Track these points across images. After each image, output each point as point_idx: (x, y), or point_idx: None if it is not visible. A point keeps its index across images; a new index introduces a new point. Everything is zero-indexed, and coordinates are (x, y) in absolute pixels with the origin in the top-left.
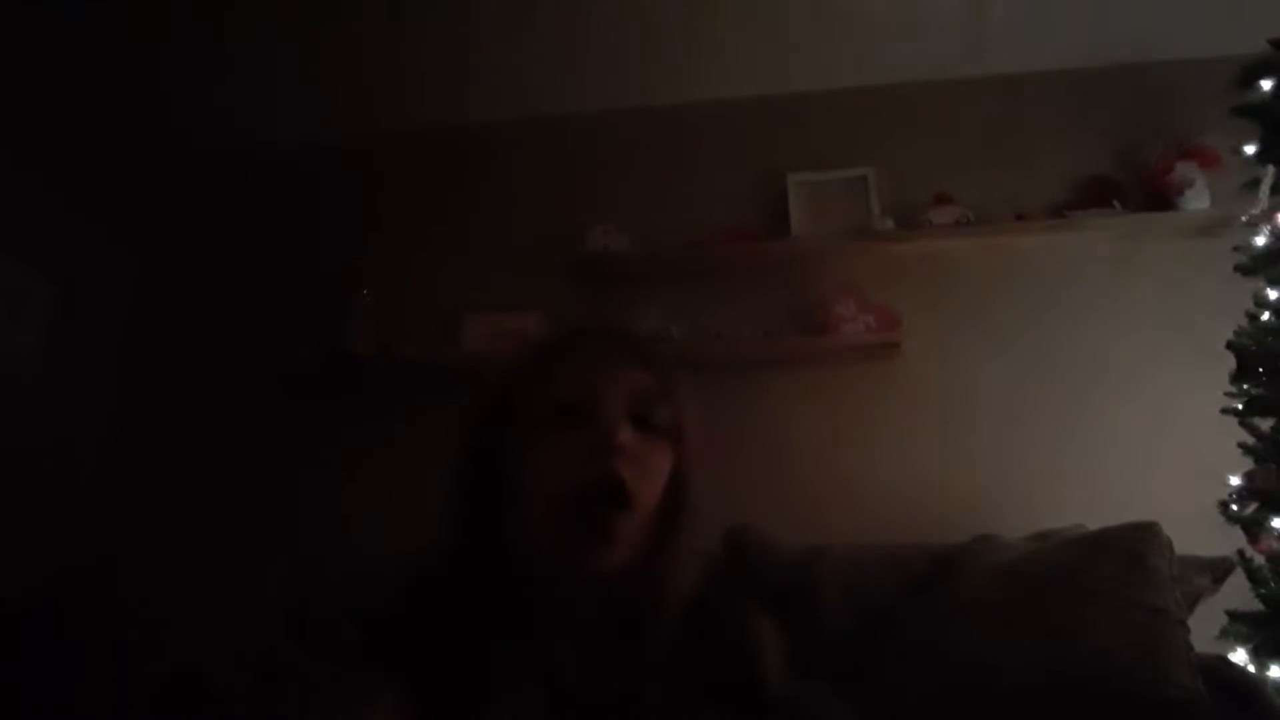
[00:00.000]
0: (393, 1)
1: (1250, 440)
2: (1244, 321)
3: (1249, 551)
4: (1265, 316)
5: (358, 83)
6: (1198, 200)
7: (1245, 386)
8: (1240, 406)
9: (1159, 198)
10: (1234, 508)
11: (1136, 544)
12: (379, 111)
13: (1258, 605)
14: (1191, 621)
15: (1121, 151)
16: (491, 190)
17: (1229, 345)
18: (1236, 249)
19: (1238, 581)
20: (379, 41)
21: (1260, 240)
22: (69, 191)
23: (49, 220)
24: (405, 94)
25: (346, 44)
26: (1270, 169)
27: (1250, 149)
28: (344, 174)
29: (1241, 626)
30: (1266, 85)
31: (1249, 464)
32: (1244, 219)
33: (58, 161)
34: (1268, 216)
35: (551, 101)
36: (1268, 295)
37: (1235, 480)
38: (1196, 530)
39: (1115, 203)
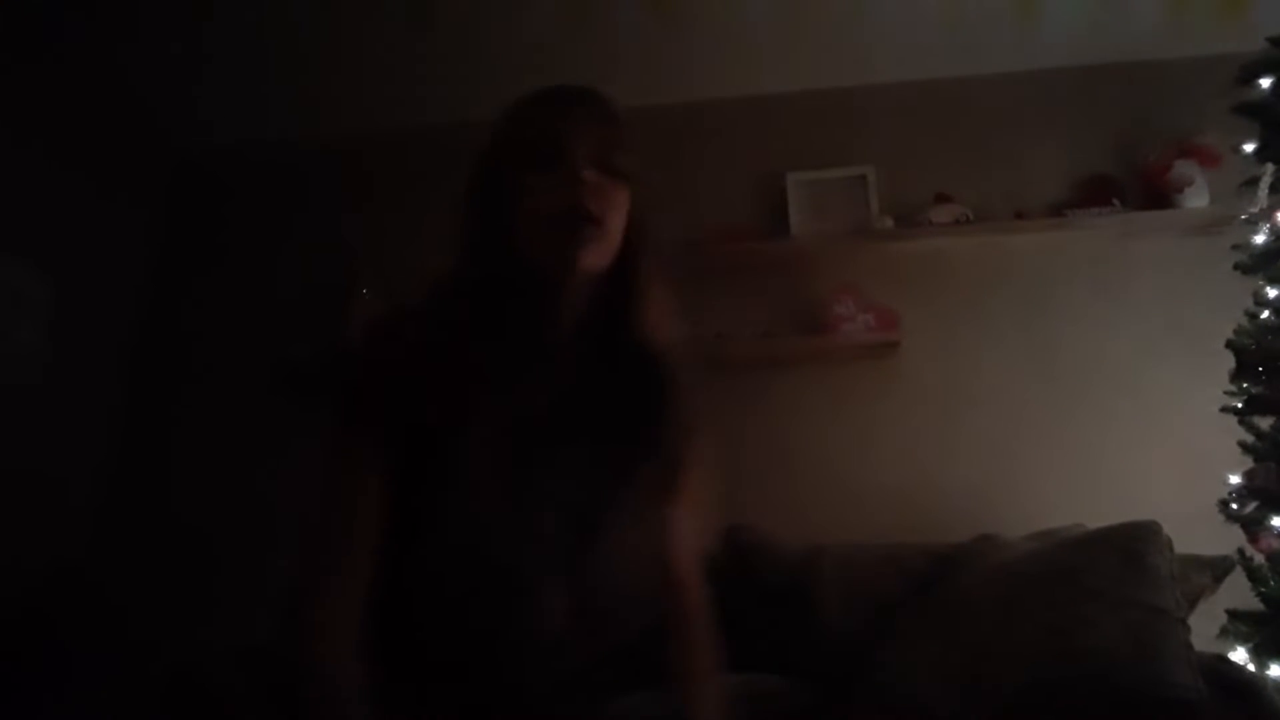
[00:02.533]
0: (394, 1)
1: (1250, 439)
2: (1243, 320)
3: (1249, 550)
4: (1265, 315)
5: (358, 82)
6: (1197, 198)
7: (1245, 385)
8: (1240, 405)
9: (1158, 196)
10: (1234, 506)
11: (1136, 543)
12: (379, 110)
13: (1258, 604)
14: (1192, 620)
15: (1121, 150)
16: None
17: (1228, 344)
18: (1236, 247)
19: (1238, 580)
20: (381, 40)
21: (1259, 238)
22: (69, 192)
23: (49, 220)
24: (405, 93)
25: (348, 43)
26: (1269, 167)
27: (1249, 147)
28: (344, 173)
29: (1242, 625)
30: (1265, 83)
31: (1249, 463)
32: (1243, 217)
33: (58, 161)
34: (1267, 214)
35: None
36: (1267, 293)
37: (1235, 479)
38: (1196, 529)
39: (1114, 201)
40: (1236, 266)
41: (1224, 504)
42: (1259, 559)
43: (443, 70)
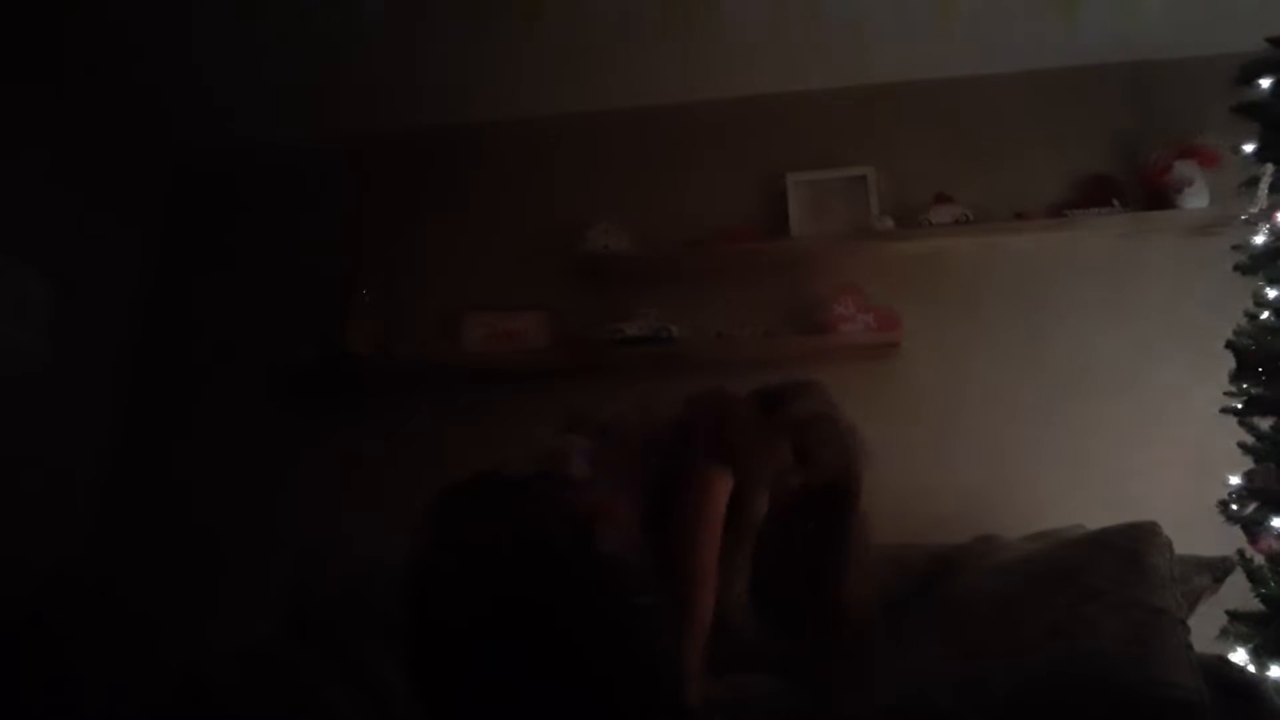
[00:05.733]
0: (393, 2)
1: (1250, 439)
2: (1243, 320)
3: (1249, 551)
4: (1264, 315)
5: (358, 83)
6: (1197, 199)
7: (1245, 386)
8: (1240, 406)
9: (1158, 196)
10: (1234, 507)
11: (1136, 543)
12: (379, 112)
13: (1258, 605)
14: (1192, 621)
15: (1121, 150)
16: (491, 190)
17: (1228, 344)
18: (1235, 248)
19: (1238, 581)
20: (380, 43)
21: (1259, 239)
22: (69, 193)
23: (49, 221)
24: (405, 94)
25: (347, 45)
26: (1269, 167)
27: (1249, 147)
28: (344, 174)
29: (1241, 626)
30: (1265, 83)
31: (1249, 463)
32: (1243, 218)
33: (58, 163)
34: (1267, 215)
35: (551, 101)
36: (1267, 294)
37: (1235, 480)
38: (1196, 530)
39: (1114, 201)
40: (1236, 267)
41: (1224, 505)
42: (1259, 560)
43: (442, 70)
